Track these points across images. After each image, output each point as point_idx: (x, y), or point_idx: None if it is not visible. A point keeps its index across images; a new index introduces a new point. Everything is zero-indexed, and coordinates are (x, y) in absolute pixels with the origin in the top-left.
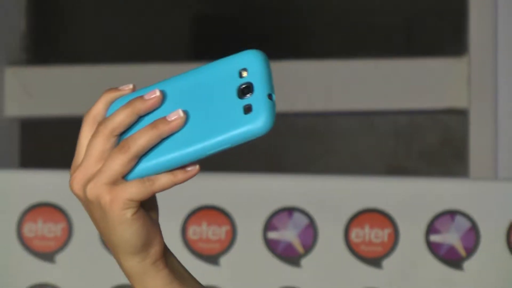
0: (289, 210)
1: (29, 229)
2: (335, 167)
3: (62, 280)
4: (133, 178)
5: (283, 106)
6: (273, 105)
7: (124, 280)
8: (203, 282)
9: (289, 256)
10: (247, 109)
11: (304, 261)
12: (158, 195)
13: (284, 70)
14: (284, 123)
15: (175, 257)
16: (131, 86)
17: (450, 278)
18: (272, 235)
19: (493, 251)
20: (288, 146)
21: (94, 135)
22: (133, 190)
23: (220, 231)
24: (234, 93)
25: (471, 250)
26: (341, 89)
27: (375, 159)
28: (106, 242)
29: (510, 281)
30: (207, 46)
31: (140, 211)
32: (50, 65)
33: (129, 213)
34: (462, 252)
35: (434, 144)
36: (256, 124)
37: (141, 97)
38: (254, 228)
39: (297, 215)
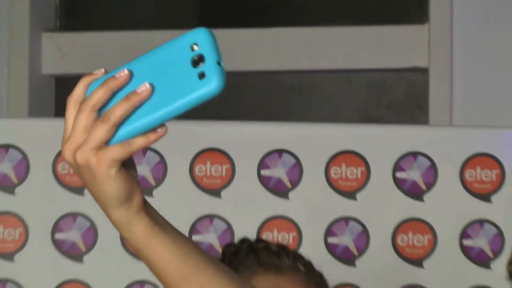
0: (279, 152)
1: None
2: (318, 116)
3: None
4: (114, 143)
5: (273, 65)
6: (222, 70)
7: None
8: (207, 211)
9: (279, 190)
10: (201, 76)
11: (291, 194)
12: (170, 140)
13: (275, 36)
14: (275, 80)
15: (154, 209)
16: (103, 70)
17: (413, 208)
18: (265, 172)
19: (448, 185)
20: (278, 98)
21: (78, 113)
22: (115, 152)
23: (221, 169)
24: (189, 64)
25: (430, 185)
26: (323, 52)
27: (351, 109)
28: (96, 200)
29: (463, 209)
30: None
31: (122, 169)
32: (80, 31)
33: (113, 171)
34: (423, 186)
35: (400, 97)
36: (210, 86)
37: (113, 76)
38: (250, 166)
39: (285, 156)
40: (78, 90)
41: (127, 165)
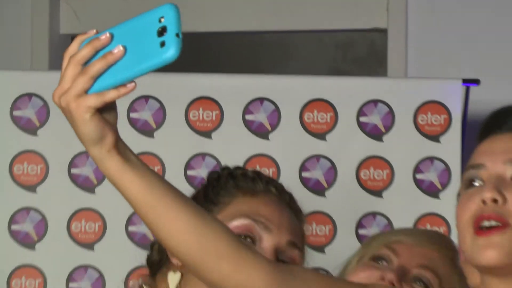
0: (261, 100)
1: None
2: (293, 70)
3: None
4: (91, 92)
5: (257, 27)
6: (180, 41)
7: None
8: (199, 150)
9: (261, 131)
10: (162, 44)
11: (271, 135)
12: (169, 90)
13: (259, 2)
14: (258, 39)
15: (129, 150)
16: (94, 31)
17: (374, 147)
18: (248, 117)
19: (404, 128)
20: (260, 54)
21: (67, 65)
22: (91, 100)
23: (212, 114)
24: (155, 33)
25: (388, 127)
26: (298, 14)
27: (321, 64)
28: (78, 138)
29: (416, 148)
30: None
31: (96, 115)
32: None
33: (87, 115)
34: (382, 128)
35: (363, 54)
36: (167, 54)
37: (98, 37)
38: (236, 112)
39: (266, 103)
40: (73, 46)
41: (107, 111)
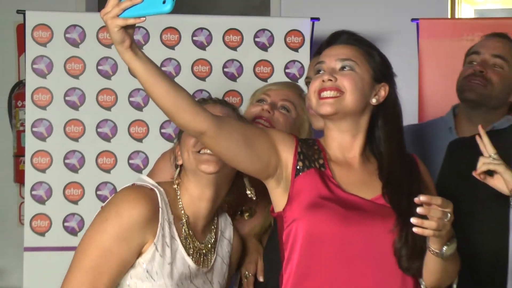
0: (201, 28)
1: None
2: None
3: None
4: (120, 17)
5: None
6: (173, 1)
7: None
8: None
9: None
10: (164, 1)
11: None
12: (156, 25)
13: None
14: None
15: (141, 51)
16: None
17: (264, 55)
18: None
19: (279, 44)
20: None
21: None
22: (119, 21)
23: (174, 37)
24: None
25: (271, 44)
26: None
27: (236, 5)
28: (112, 41)
29: (283, 54)
30: None
31: (121, 29)
32: None
33: (115, 29)
34: (267, 44)
35: (258, 2)
36: (165, 9)
37: None
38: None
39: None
40: None
41: (128, 28)
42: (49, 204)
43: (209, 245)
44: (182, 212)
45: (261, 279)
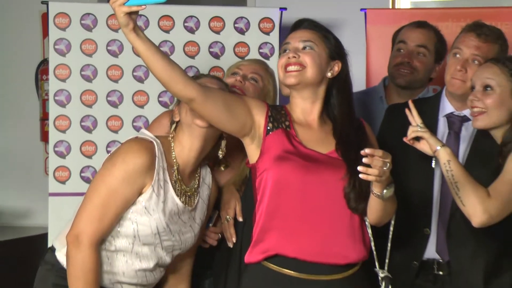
0: (191, 16)
1: None
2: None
3: None
4: (126, 5)
5: None
6: None
7: None
8: None
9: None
10: None
11: None
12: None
13: None
14: None
15: (143, 33)
16: None
17: (241, 37)
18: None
19: (254, 29)
20: None
21: None
22: (124, 8)
23: (169, 24)
24: None
25: (248, 28)
26: None
27: None
28: (119, 24)
29: (257, 38)
30: None
31: (126, 16)
32: None
33: (122, 14)
34: (244, 29)
35: None
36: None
37: None
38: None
39: None
40: None
41: (132, 13)
42: (68, 158)
43: (193, 189)
44: (174, 160)
45: (240, 219)
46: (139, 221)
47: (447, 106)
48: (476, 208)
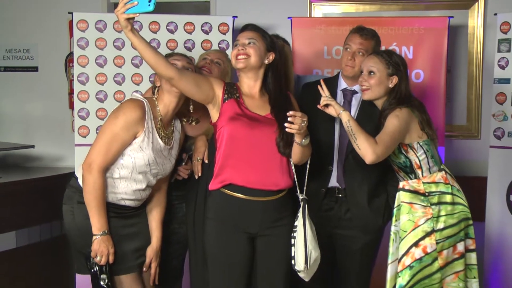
0: (171, 22)
1: None
2: None
3: None
4: (125, 13)
5: None
6: (155, 2)
7: None
8: None
9: None
10: (149, 2)
11: None
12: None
13: None
14: None
15: (138, 32)
16: None
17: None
18: None
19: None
20: None
21: (120, 2)
22: (124, 16)
23: (156, 27)
24: None
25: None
26: None
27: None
28: (121, 27)
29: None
30: None
31: (126, 20)
32: None
33: (123, 20)
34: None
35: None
36: (149, 8)
37: None
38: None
39: None
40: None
41: (130, 19)
42: (88, 120)
43: (170, 134)
44: (159, 113)
45: (206, 161)
46: (136, 156)
47: (342, 83)
48: (368, 151)
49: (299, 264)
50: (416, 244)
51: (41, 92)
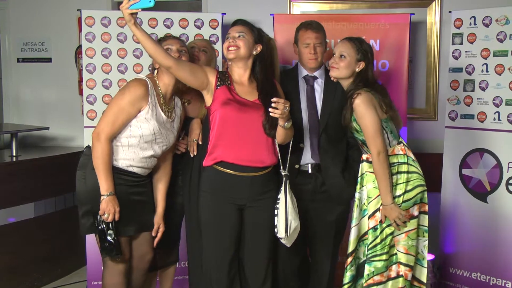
0: (168, 18)
1: None
2: None
3: None
4: (129, 8)
5: None
6: (155, 1)
7: None
8: None
9: None
10: (150, 1)
11: None
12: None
13: None
14: None
15: (140, 26)
16: None
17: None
18: None
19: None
20: None
21: None
22: (128, 11)
23: (155, 23)
24: None
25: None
26: None
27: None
28: (126, 22)
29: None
30: None
31: (129, 15)
32: None
33: (127, 15)
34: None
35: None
36: (150, 4)
37: None
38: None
39: None
40: None
41: (133, 14)
42: (95, 105)
43: (171, 109)
44: (160, 90)
45: (200, 142)
46: (142, 127)
47: (303, 72)
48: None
49: (280, 232)
50: (378, 209)
51: (54, 80)
